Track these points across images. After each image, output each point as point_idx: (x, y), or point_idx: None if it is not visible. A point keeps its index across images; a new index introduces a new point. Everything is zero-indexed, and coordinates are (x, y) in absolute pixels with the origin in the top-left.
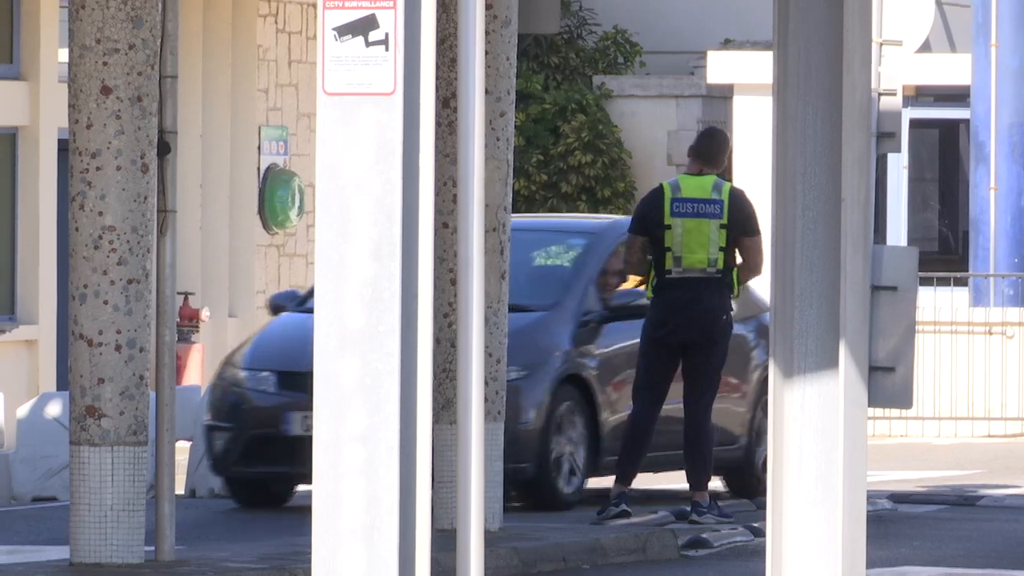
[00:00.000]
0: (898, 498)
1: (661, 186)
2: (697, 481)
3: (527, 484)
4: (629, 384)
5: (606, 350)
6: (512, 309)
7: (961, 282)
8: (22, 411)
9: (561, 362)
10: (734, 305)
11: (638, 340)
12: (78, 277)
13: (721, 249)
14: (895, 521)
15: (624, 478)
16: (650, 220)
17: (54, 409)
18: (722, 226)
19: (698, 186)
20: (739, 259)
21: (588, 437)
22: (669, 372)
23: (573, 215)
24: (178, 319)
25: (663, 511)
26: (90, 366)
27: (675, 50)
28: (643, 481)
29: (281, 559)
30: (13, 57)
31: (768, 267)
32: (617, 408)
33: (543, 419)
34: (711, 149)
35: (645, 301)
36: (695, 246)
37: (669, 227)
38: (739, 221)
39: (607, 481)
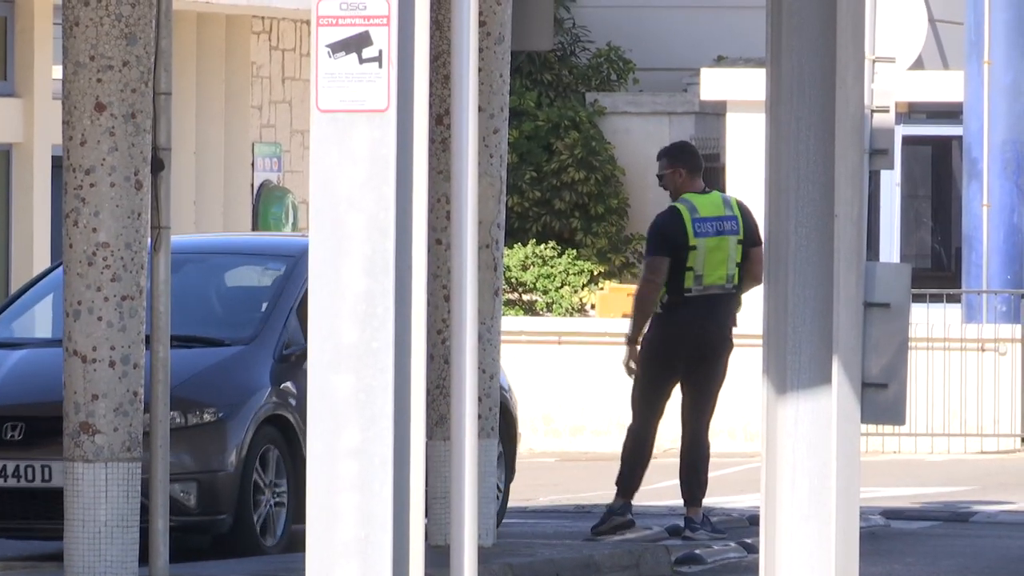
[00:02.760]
0: (891, 514)
1: (676, 208)
2: (692, 497)
3: (225, 537)
4: None
5: None
6: (204, 343)
7: (954, 299)
8: None
9: (261, 402)
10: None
11: None
12: (72, 293)
13: (737, 264)
14: (888, 537)
15: (626, 492)
16: (674, 242)
17: None
18: (739, 241)
19: (711, 204)
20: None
21: (292, 483)
22: (671, 387)
23: (270, 233)
24: None
25: (656, 527)
26: (84, 382)
27: (668, 67)
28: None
29: (274, 575)
30: (7, 74)
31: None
32: None
33: (242, 465)
34: (695, 160)
35: None
36: (716, 264)
37: (694, 247)
38: (750, 233)
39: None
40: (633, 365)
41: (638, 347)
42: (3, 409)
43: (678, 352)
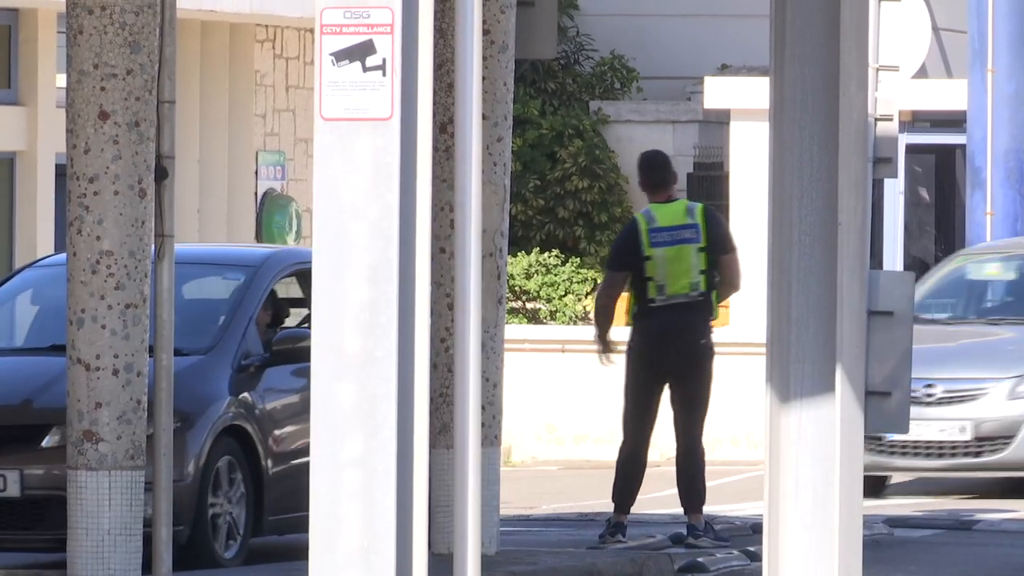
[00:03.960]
0: (894, 522)
1: (635, 219)
2: (691, 504)
3: (182, 549)
4: (295, 435)
5: (269, 397)
6: None
7: None
8: None
9: (219, 412)
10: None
11: (303, 385)
12: (76, 302)
13: (702, 272)
14: (891, 546)
15: (621, 508)
16: (629, 254)
17: None
18: (700, 249)
19: (672, 213)
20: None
21: (250, 495)
22: (657, 398)
23: (230, 244)
24: None
25: (660, 535)
26: (87, 391)
27: (672, 75)
28: (638, 505)
29: None
30: (11, 82)
31: (762, 290)
32: (283, 461)
33: (200, 476)
34: (665, 172)
35: (310, 343)
36: (678, 274)
37: (649, 258)
38: (717, 241)
39: (271, 541)
40: (608, 358)
41: (609, 347)
42: None
43: (654, 362)
